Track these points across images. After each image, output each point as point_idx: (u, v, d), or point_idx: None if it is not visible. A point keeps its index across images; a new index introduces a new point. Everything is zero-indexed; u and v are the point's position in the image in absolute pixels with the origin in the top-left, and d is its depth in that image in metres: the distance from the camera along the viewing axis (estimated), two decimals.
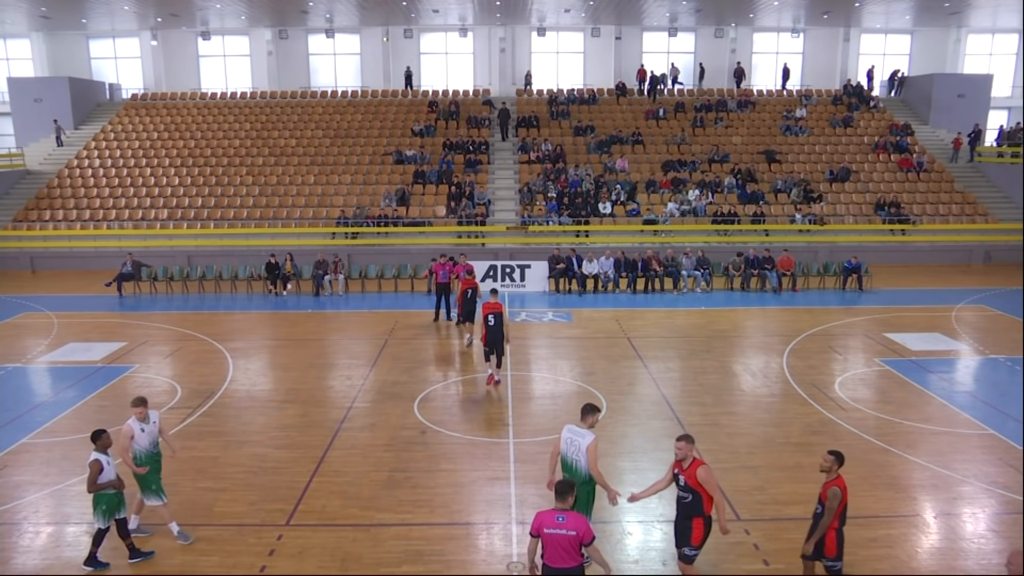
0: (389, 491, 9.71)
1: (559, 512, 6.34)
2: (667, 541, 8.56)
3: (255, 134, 33.05)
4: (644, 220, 27.14)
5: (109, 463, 7.94)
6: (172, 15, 34.79)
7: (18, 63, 38.57)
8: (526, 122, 33.04)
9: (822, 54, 38.83)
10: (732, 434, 11.59)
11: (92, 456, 7.88)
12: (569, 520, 6.27)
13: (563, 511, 6.35)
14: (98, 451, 7.92)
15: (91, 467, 7.81)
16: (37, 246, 27.32)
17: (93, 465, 7.81)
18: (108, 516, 7.99)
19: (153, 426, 8.59)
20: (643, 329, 18.28)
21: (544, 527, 6.31)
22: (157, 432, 8.65)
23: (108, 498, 7.95)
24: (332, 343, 17.33)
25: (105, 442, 8.01)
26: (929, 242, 27.60)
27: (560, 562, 6.27)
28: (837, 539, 7.13)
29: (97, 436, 8.01)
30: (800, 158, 31.33)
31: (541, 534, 6.34)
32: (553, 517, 6.32)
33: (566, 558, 6.26)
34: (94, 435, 8.02)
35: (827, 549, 7.14)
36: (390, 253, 25.62)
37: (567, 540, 6.23)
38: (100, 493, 7.90)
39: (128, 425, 8.40)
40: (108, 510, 7.97)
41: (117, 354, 16.14)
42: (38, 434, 11.74)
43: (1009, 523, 8.89)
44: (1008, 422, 12.03)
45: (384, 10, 34.33)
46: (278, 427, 11.95)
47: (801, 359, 15.54)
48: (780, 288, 22.49)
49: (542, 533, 6.32)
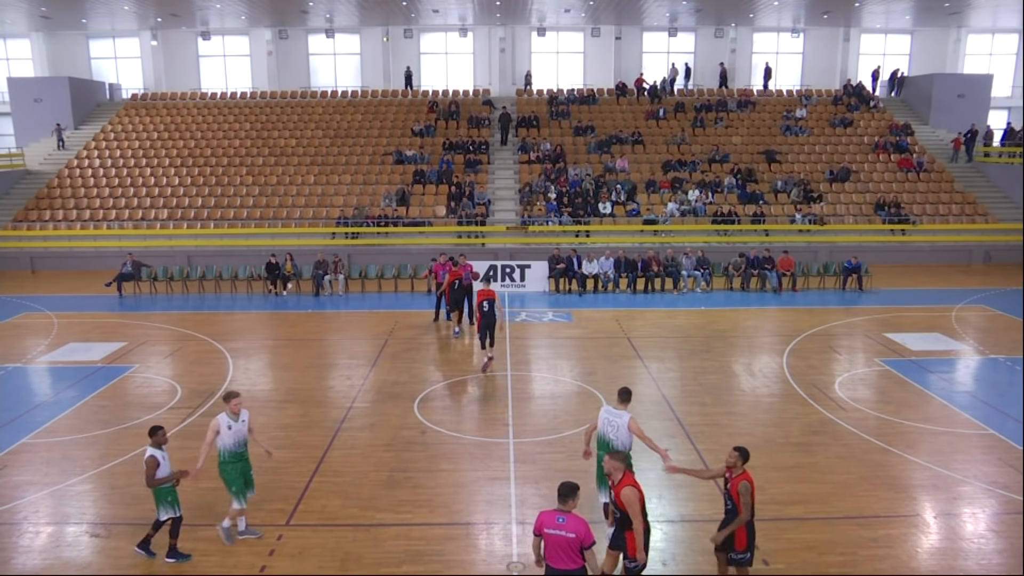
0: (389, 491, 9.71)
1: (560, 513, 6.33)
2: (667, 541, 8.57)
3: (255, 134, 33.05)
4: (644, 220, 27.14)
5: (164, 458, 7.98)
6: (172, 15, 34.80)
7: (18, 63, 38.58)
8: (526, 122, 33.03)
9: (822, 54, 38.84)
10: (732, 434, 11.58)
11: (148, 452, 7.91)
12: (569, 522, 6.26)
13: (564, 512, 6.33)
14: (153, 447, 7.94)
15: (147, 464, 7.84)
16: (37, 246, 27.32)
17: (149, 461, 7.84)
18: (175, 506, 8.06)
19: (242, 425, 8.42)
20: (643, 329, 18.28)
21: (545, 527, 6.31)
22: (245, 432, 8.47)
23: (169, 490, 8.01)
24: (332, 343, 17.33)
25: (160, 438, 8.01)
26: (929, 242, 27.60)
27: (560, 563, 6.27)
28: (748, 533, 7.16)
29: (153, 432, 8.03)
30: (800, 158, 31.34)
31: (542, 534, 6.34)
32: (554, 518, 6.32)
33: (566, 560, 6.25)
34: (151, 431, 8.05)
35: (737, 542, 7.16)
36: (390, 253, 25.62)
37: (566, 542, 6.22)
38: (160, 487, 7.94)
39: (217, 419, 8.29)
40: (173, 501, 8.04)
41: (117, 354, 16.14)
42: (38, 434, 11.74)
43: (1009, 523, 8.89)
44: (1008, 422, 12.03)
45: (384, 10, 34.33)
46: (278, 427, 11.95)
47: (801, 359, 15.54)
48: (780, 288, 22.49)
49: (543, 533, 6.33)
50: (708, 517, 9.04)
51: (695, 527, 8.85)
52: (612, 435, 8.31)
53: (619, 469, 6.87)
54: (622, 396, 8.58)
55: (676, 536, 8.69)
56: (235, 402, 8.43)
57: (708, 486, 9.81)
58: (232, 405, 8.40)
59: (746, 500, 7.05)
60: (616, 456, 6.96)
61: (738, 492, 7.06)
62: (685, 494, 9.67)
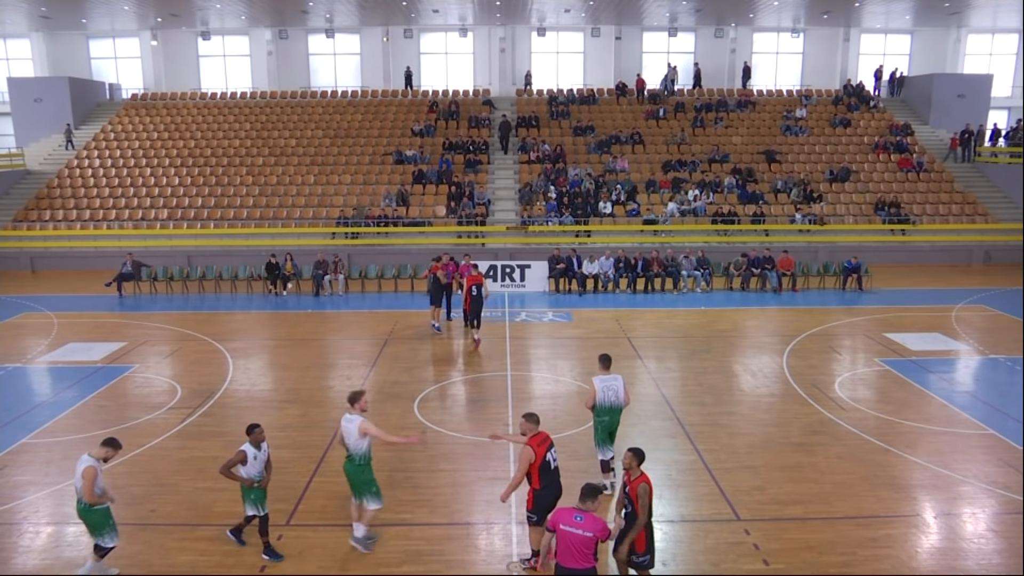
0: (389, 491, 9.68)
1: (577, 511, 6.28)
2: (667, 541, 8.56)
3: (255, 134, 33.05)
4: (644, 220, 27.14)
5: (256, 457, 7.96)
6: (172, 15, 34.79)
7: (18, 63, 38.57)
8: (526, 122, 33.03)
9: (822, 54, 38.83)
10: (732, 434, 11.58)
11: (241, 447, 7.95)
12: (587, 521, 6.22)
13: (582, 511, 6.28)
14: (250, 444, 7.96)
15: (236, 454, 7.89)
16: (37, 246, 27.31)
17: (238, 453, 7.88)
18: (258, 504, 8.02)
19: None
20: (643, 329, 18.28)
21: (561, 523, 6.26)
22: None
23: (253, 487, 7.99)
24: (332, 343, 17.33)
25: (258, 436, 8.00)
26: (929, 242, 27.60)
27: (571, 562, 6.21)
28: (647, 534, 7.13)
29: (251, 429, 8.04)
30: (800, 158, 31.34)
31: (557, 529, 6.30)
32: (571, 515, 6.27)
33: (579, 559, 6.19)
34: (249, 428, 8.05)
35: (636, 544, 7.09)
36: (390, 253, 25.61)
37: (582, 540, 6.17)
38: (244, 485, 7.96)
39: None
40: (256, 499, 8.00)
41: (117, 354, 16.14)
42: (38, 434, 11.74)
43: (1009, 523, 8.89)
44: (1008, 422, 12.03)
45: (384, 10, 34.33)
46: (278, 427, 11.94)
47: (801, 359, 15.54)
48: (780, 288, 22.48)
49: (558, 529, 6.28)
50: (708, 517, 9.05)
51: (695, 527, 8.85)
52: (613, 398, 9.39)
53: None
54: (607, 362, 9.68)
55: (676, 536, 8.68)
56: (364, 400, 8.38)
57: (708, 486, 9.82)
58: (361, 403, 8.33)
59: (644, 503, 6.96)
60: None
61: (637, 495, 6.97)
62: (685, 494, 9.67)
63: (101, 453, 7.74)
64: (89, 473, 7.50)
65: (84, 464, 7.53)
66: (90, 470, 7.52)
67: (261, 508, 8.09)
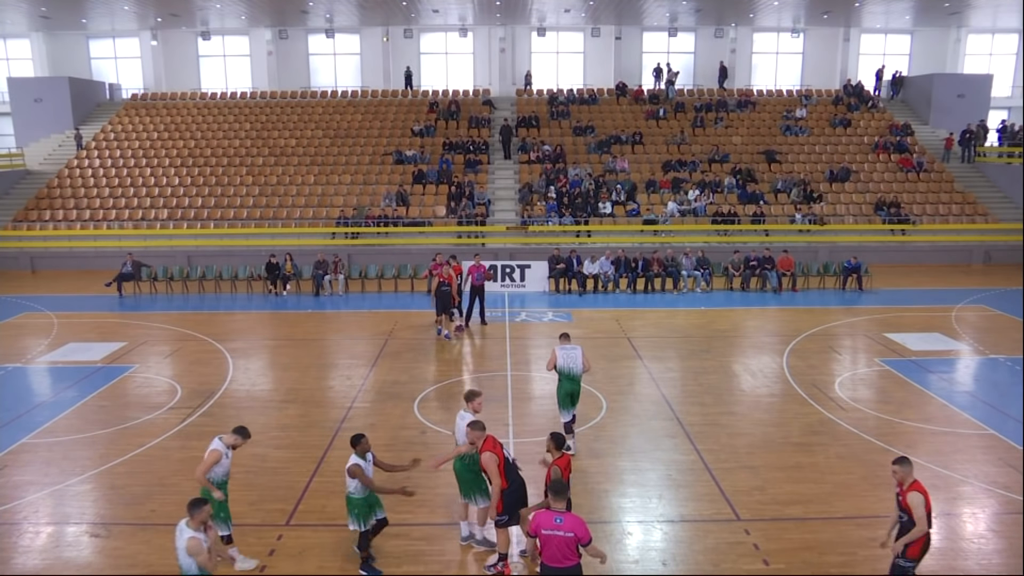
0: None
1: (557, 513, 6.41)
2: (667, 541, 8.57)
3: (255, 134, 33.04)
4: (644, 220, 27.13)
5: (367, 468, 7.70)
6: (172, 15, 34.78)
7: (18, 63, 38.54)
8: (526, 122, 33.02)
9: (822, 54, 38.80)
10: (732, 434, 11.58)
11: (351, 461, 7.64)
12: (567, 522, 6.35)
13: (561, 512, 6.42)
14: (357, 455, 7.68)
15: (350, 472, 7.61)
16: (37, 246, 27.31)
17: (354, 470, 7.58)
18: (362, 519, 7.76)
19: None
20: (643, 329, 18.28)
21: (542, 528, 6.37)
22: None
23: (357, 502, 7.73)
24: (332, 343, 17.33)
25: (364, 446, 7.72)
26: (929, 242, 27.59)
27: (557, 562, 6.35)
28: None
29: (356, 440, 7.74)
30: (800, 158, 31.33)
31: (539, 535, 6.39)
32: (551, 519, 6.37)
33: (562, 558, 6.34)
34: (353, 439, 7.75)
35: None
36: (390, 253, 25.61)
37: (564, 541, 6.31)
38: (351, 496, 7.71)
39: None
40: (360, 514, 7.75)
41: (117, 354, 16.14)
42: (38, 434, 11.73)
43: (1009, 523, 8.89)
44: (1008, 422, 12.03)
45: (384, 10, 34.32)
46: (278, 427, 11.95)
47: (801, 359, 15.54)
48: (780, 288, 22.48)
49: (540, 534, 6.38)
50: (708, 517, 9.04)
51: (695, 527, 8.85)
52: (571, 365, 10.58)
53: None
54: (567, 337, 11.02)
55: (676, 536, 8.68)
56: (477, 401, 8.41)
57: (708, 486, 9.81)
58: (475, 404, 8.38)
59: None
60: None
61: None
62: (685, 494, 9.67)
63: (230, 440, 7.78)
64: (212, 456, 7.61)
65: (212, 446, 7.64)
66: (214, 453, 7.62)
67: (363, 523, 7.80)
